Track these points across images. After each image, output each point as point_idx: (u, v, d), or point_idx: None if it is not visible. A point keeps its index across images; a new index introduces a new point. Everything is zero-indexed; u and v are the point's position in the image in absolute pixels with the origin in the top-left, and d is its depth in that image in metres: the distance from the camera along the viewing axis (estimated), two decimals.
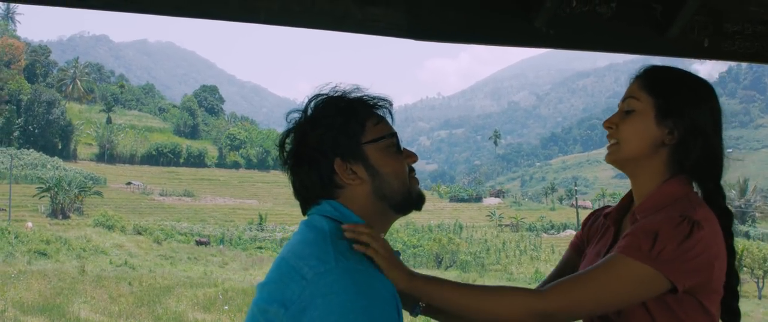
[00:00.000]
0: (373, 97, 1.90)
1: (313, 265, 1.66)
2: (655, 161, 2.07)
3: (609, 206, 2.33)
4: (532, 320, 1.87)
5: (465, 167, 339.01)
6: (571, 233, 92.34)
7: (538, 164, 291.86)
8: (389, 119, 1.91)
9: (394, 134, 1.88)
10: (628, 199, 2.21)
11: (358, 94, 1.89)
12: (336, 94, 1.88)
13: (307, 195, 1.88)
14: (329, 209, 1.82)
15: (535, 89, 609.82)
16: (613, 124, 2.11)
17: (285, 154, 1.88)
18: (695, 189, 2.09)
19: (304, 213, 1.89)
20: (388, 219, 1.89)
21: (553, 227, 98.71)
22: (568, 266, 2.33)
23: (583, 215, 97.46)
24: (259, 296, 1.75)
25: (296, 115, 1.89)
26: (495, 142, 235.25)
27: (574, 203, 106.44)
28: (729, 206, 2.09)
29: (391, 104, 1.92)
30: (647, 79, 2.09)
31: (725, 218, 2.04)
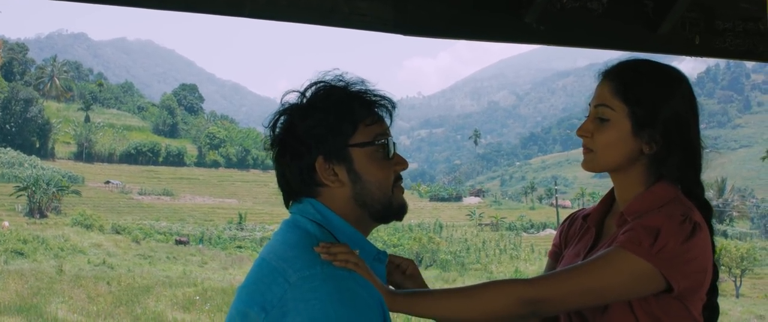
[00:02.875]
0: (375, 95, 1.79)
1: (297, 267, 1.59)
2: (635, 168, 2.03)
3: (585, 209, 2.29)
4: (521, 308, 1.84)
5: (445, 167, 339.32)
6: (551, 233, 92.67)
7: (517, 163, 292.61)
8: (388, 120, 1.81)
9: (386, 139, 1.77)
10: (609, 199, 2.16)
11: (361, 88, 1.78)
12: (337, 84, 1.77)
13: (288, 188, 1.79)
14: (311, 211, 1.73)
15: (514, 89, 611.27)
16: (588, 133, 2.04)
17: (273, 137, 1.78)
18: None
19: (286, 205, 1.82)
20: (369, 225, 1.81)
21: (532, 226, 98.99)
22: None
23: (563, 214, 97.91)
24: (238, 299, 1.66)
25: (293, 97, 1.78)
26: (475, 142, 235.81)
27: (554, 202, 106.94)
28: (708, 199, 2.06)
29: (393, 105, 1.81)
30: (619, 83, 2.01)
31: (705, 211, 2.00)
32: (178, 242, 67.72)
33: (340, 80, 1.77)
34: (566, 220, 2.33)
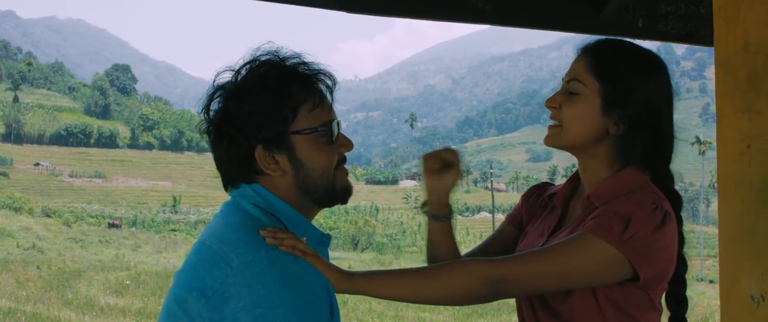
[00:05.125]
0: (315, 73, 1.66)
1: (240, 251, 1.49)
2: (600, 149, 1.97)
3: (552, 185, 2.24)
4: (484, 288, 1.79)
5: (381, 150, 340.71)
6: (485, 216, 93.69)
7: (453, 146, 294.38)
8: (330, 98, 1.68)
9: (328, 123, 1.66)
10: (575, 180, 2.12)
11: (298, 63, 1.65)
12: (273, 61, 1.63)
13: (225, 174, 1.67)
14: (252, 194, 1.64)
15: (451, 73, 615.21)
16: (556, 104, 1.98)
17: (208, 119, 1.64)
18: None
19: (225, 188, 1.70)
20: (312, 210, 1.73)
21: (467, 209, 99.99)
22: (501, 237, 2.23)
23: (498, 198, 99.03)
24: (176, 284, 1.56)
25: (226, 77, 1.64)
26: (411, 125, 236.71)
27: (489, 185, 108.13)
28: (678, 190, 2.01)
29: (334, 80, 1.69)
30: (594, 59, 1.95)
31: (675, 202, 1.96)
32: (111, 226, 66.90)
33: (276, 56, 1.64)
34: (532, 190, 2.27)
